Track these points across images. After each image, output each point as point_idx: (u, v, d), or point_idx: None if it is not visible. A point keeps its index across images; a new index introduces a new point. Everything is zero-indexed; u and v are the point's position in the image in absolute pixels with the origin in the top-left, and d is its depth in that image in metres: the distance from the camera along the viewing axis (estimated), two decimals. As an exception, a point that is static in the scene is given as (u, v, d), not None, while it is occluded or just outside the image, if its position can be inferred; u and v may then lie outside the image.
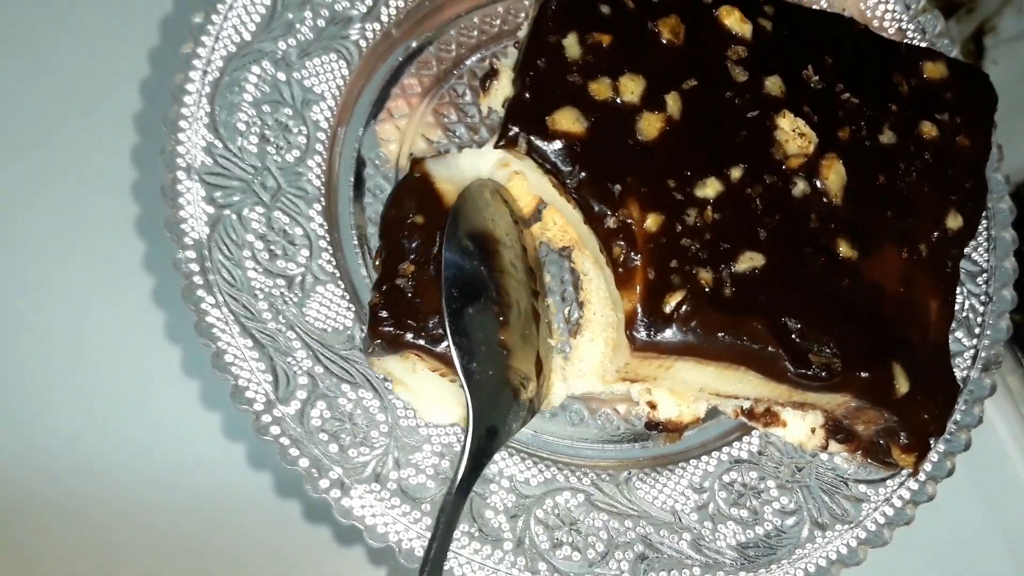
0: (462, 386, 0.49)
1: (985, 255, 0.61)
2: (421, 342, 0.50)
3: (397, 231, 0.53)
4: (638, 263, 0.49)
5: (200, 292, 0.50)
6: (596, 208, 0.49)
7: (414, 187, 0.54)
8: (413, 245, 0.52)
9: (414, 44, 0.61)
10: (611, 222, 0.49)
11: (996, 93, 0.58)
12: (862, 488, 0.56)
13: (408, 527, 0.50)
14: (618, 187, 0.49)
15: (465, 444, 0.49)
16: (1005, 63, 0.62)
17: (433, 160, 0.56)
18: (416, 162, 0.55)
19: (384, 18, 0.59)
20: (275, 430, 0.49)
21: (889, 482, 0.56)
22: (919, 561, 0.63)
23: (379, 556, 0.63)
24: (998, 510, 0.71)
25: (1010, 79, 0.63)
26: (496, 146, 0.51)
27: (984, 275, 0.61)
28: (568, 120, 0.50)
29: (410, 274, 0.51)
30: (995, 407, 0.71)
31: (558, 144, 0.50)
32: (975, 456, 0.58)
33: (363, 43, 0.58)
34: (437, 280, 0.50)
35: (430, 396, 0.53)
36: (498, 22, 0.62)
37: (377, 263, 0.54)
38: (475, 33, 0.62)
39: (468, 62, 0.61)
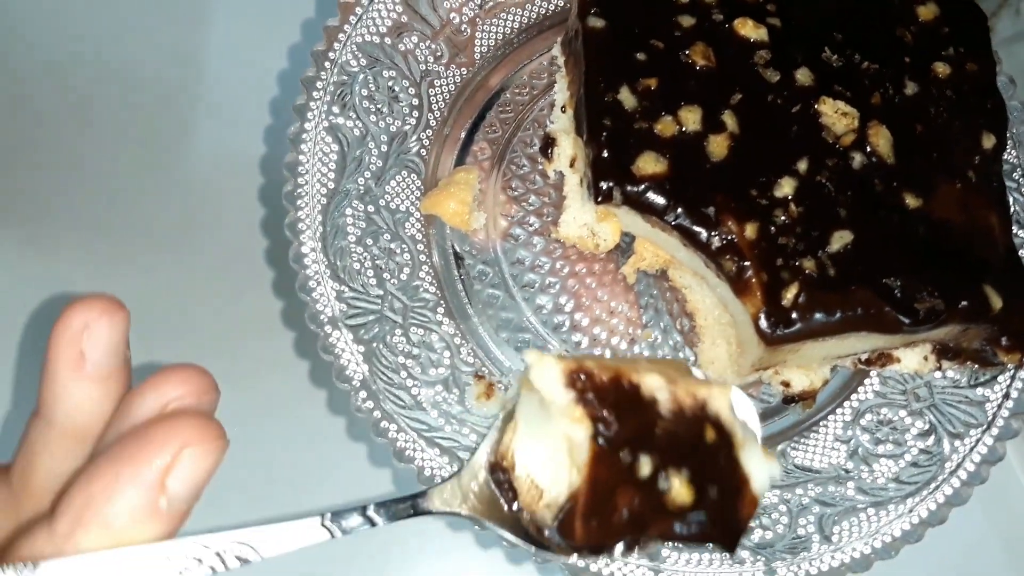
0: None
1: (1013, 151, 0.67)
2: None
3: None
4: (751, 270, 0.54)
5: (383, 424, 0.55)
6: (700, 234, 0.55)
7: None
8: None
9: (462, 135, 0.65)
10: (716, 242, 0.55)
11: (982, 10, 0.64)
12: (979, 391, 0.62)
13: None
14: (712, 209, 0.55)
15: None
16: (1004, 64, 0.66)
17: None
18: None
19: (432, 122, 0.64)
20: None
21: (1000, 379, 0.63)
22: (917, 565, 0.62)
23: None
24: (997, 513, 0.71)
25: (1008, 80, 0.66)
26: (596, 203, 0.55)
27: (1018, 171, 0.67)
28: (650, 164, 0.55)
29: None
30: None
31: (649, 187, 0.55)
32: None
33: (423, 151, 0.63)
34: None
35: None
36: (527, 89, 0.67)
37: None
38: (510, 108, 0.67)
39: (516, 137, 0.66)
